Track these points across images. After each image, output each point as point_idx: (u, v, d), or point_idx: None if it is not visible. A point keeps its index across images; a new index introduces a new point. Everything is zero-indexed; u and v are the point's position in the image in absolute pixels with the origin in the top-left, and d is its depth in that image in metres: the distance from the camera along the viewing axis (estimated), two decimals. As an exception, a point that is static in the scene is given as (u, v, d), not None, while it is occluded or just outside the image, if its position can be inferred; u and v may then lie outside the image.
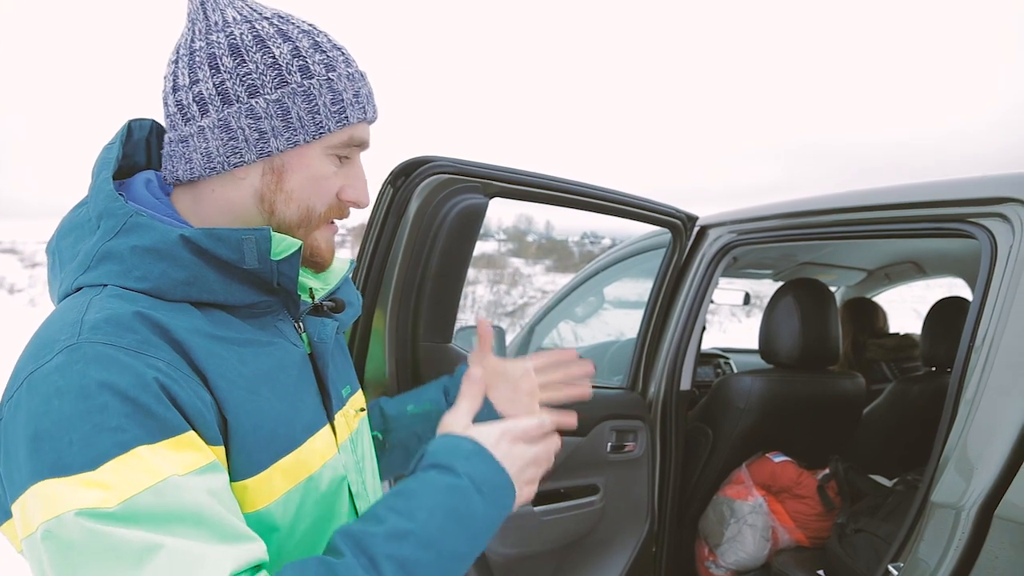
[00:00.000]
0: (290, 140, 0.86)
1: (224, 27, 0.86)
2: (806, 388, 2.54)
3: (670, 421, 2.47)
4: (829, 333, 2.51)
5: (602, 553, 2.34)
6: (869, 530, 2.10)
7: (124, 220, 0.81)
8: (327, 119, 0.87)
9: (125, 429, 0.68)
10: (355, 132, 0.90)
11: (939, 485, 1.50)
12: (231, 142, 0.85)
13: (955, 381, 1.58)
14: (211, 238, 0.81)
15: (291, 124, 0.85)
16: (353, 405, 1.05)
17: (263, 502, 0.81)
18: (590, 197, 2.05)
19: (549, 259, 29.06)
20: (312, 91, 0.86)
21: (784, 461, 2.48)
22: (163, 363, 0.74)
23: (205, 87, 0.85)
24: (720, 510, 2.50)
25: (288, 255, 0.86)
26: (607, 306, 3.62)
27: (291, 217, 0.89)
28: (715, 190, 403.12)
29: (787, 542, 2.41)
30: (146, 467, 0.68)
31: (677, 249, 2.44)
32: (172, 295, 0.81)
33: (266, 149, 0.86)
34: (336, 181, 0.91)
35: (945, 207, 1.76)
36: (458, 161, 1.76)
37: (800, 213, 2.24)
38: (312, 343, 0.96)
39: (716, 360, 3.86)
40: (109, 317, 0.75)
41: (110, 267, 0.80)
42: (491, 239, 37.17)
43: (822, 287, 2.58)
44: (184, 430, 0.72)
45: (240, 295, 0.85)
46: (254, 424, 0.81)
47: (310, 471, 0.88)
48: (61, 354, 0.71)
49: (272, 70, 0.85)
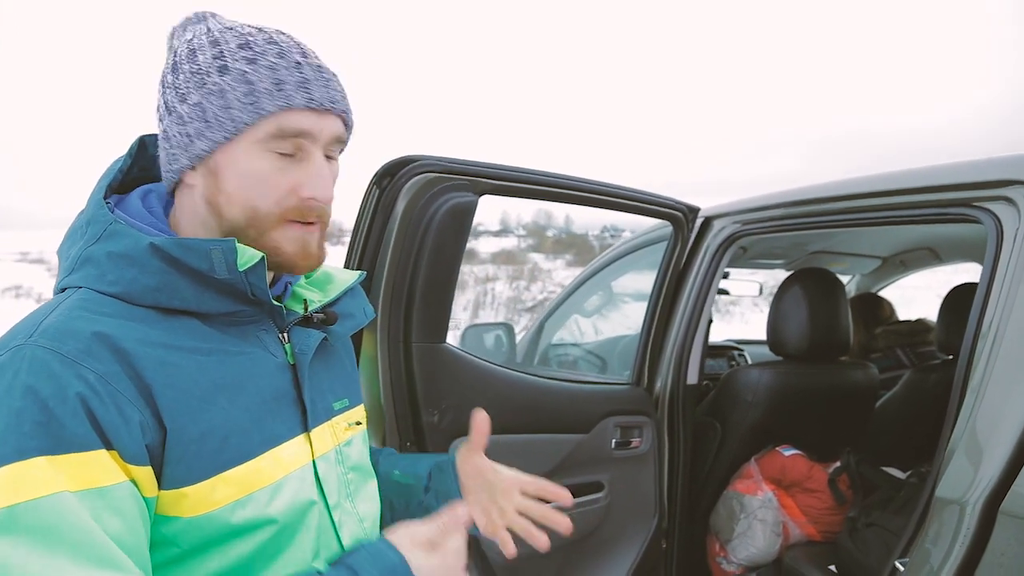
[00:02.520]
0: (211, 139, 0.86)
1: (176, 49, 0.91)
2: (816, 380, 2.48)
3: (677, 416, 2.43)
4: (839, 323, 2.46)
5: (609, 550, 2.31)
6: (881, 524, 2.05)
7: (104, 227, 0.85)
8: (241, 112, 0.85)
9: (32, 436, 0.70)
10: (283, 122, 0.85)
11: (944, 479, 1.45)
12: (171, 150, 0.89)
13: (961, 369, 1.53)
14: (180, 247, 0.83)
15: (210, 123, 0.86)
16: (346, 419, 1.03)
17: (201, 509, 0.81)
18: (584, 191, 2.02)
19: (569, 253, 28.95)
20: (225, 87, 0.85)
21: (794, 454, 2.43)
22: (94, 376, 0.74)
23: (160, 105, 0.91)
24: (730, 505, 2.46)
25: (252, 265, 0.86)
26: (616, 300, 3.58)
27: (237, 218, 0.88)
28: (737, 181, 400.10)
29: (798, 537, 2.37)
30: (39, 478, 0.69)
31: (679, 241, 2.40)
32: (142, 300, 0.83)
33: (193, 152, 0.87)
34: (285, 177, 0.88)
35: (949, 191, 1.70)
36: (445, 159, 1.74)
37: (804, 201, 2.19)
38: (294, 354, 0.95)
39: (730, 352, 3.81)
40: (63, 322, 0.77)
41: (88, 271, 0.84)
42: (510, 235, 37.12)
43: (830, 276, 2.53)
44: (93, 447, 0.73)
45: (214, 304, 0.86)
46: (202, 433, 0.81)
47: (268, 481, 0.86)
48: (9, 352, 0.75)
49: (195, 76, 0.87)
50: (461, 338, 3.15)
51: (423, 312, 1.79)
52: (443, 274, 1.80)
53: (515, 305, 17.78)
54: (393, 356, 1.77)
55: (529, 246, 33.20)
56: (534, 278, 21.66)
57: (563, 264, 26.64)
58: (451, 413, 1.85)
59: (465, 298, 17.83)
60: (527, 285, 20.43)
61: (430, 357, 1.81)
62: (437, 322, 1.82)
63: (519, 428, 2.03)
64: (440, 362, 1.84)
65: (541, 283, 20.91)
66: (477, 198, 1.81)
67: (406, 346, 1.79)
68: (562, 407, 2.15)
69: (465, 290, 18.43)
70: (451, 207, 1.76)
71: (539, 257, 28.81)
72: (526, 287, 20.20)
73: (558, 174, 1.95)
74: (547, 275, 22.51)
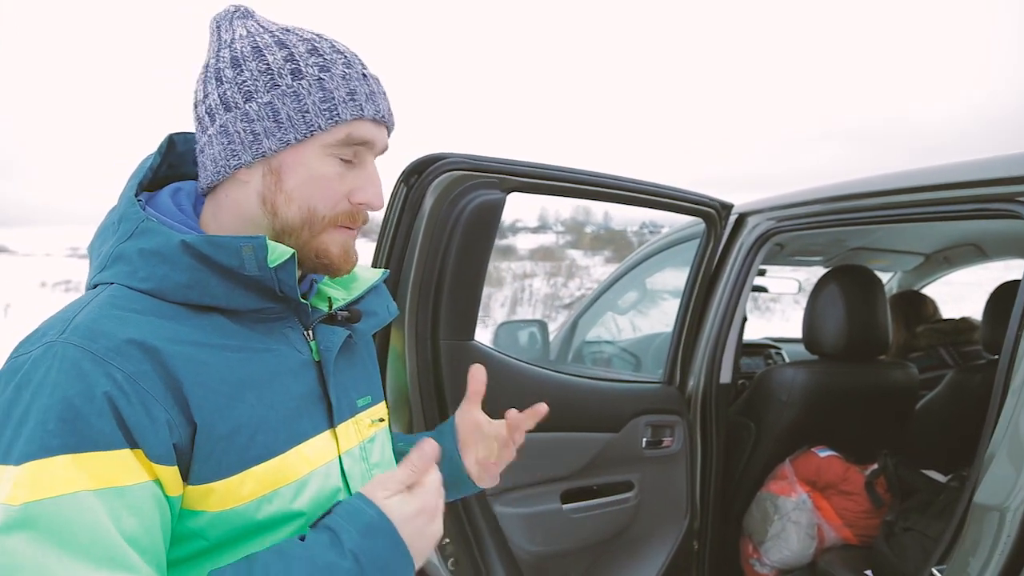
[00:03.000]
0: (282, 139, 0.88)
1: (230, 43, 0.91)
2: (852, 379, 2.43)
3: (710, 415, 2.40)
4: (876, 321, 2.40)
5: (639, 550, 2.29)
6: (919, 529, 2.00)
7: (136, 224, 0.87)
8: (316, 117, 0.88)
9: (57, 434, 0.71)
10: (353, 130, 0.89)
11: (983, 485, 1.41)
12: (230, 146, 0.90)
13: (1002, 370, 1.49)
14: (210, 245, 0.84)
15: (282, 124, 0.88)
16: (370, 415, 1.05)
17: (228, 504, 0.82)
18: (613, 188, 2.00)
19: (607, 250, 28.76)
20: (301, 91, 0.88)
21: (830, 456, 2.38)
22: (122, 375, 0.75)
23: (212, 99, 0.90)
24: (764, 506, 2.42)
25: (283, 262, 0.87)
26: (651, 297, 3.55)
27: (293, 218, 0.90)
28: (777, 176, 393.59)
29: (834, 540, 2.32)
30: (60, 476, 0.70)
31: (712, 238, 2.36)
32: (173, 297, 0.84)
33: (260, 150, 0.89)
34: (343, 183, 0.91)
35: (991, 186, 1.65)
36: (472, 157, 1.74)
37: (841, 197, 2.15)
38: (319, 351, 0.96)
39: (767, 350, 3.75)
40: (94, 320, 0.79)
41: (120, 268, 0.86)
42: (548, 231, 37.05)
43: (868, 273, 2.47)
44: (117, 447, 0.74)
45: (244, 300, 0.88)
46: (230, 429, 0.82)
47: (294, 477, 0.87)
48: (41, 348, 0.77)
49: (265, 75, 0.89)
50: (494, 335, 3.15)
51: (451, 310, 1.79)
52: (471, 272, 1.80)
53: (553, 302, 17.73)
54: (421, 353, 1.78)
55: (567, 242, 33.07)
56: (572, 274, 21.57)
57: (601, 260, 26.48)
58: None
59: (503, 294, 17.85)
60: (565, 282, 20.36)
61: (457, 355, 1.81)
62: (465, 320, 1.82)
63: (547, 427, 2.00)
64: (468, 360, 1.83)
65: (579, 279, 20.82)
66: (505, 196, 1.81)
67: (434, 343, 1.79)
68: (591, 406, 2.13)
69: (503, 286, 18.45)
70: (478, 205, 1.75)
71: (577, 253, 28.68)
72: (564, 284, 20.12)
73: (587, 171, 1.94)
74: (585, 272, 22.40)
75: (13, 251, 29.99)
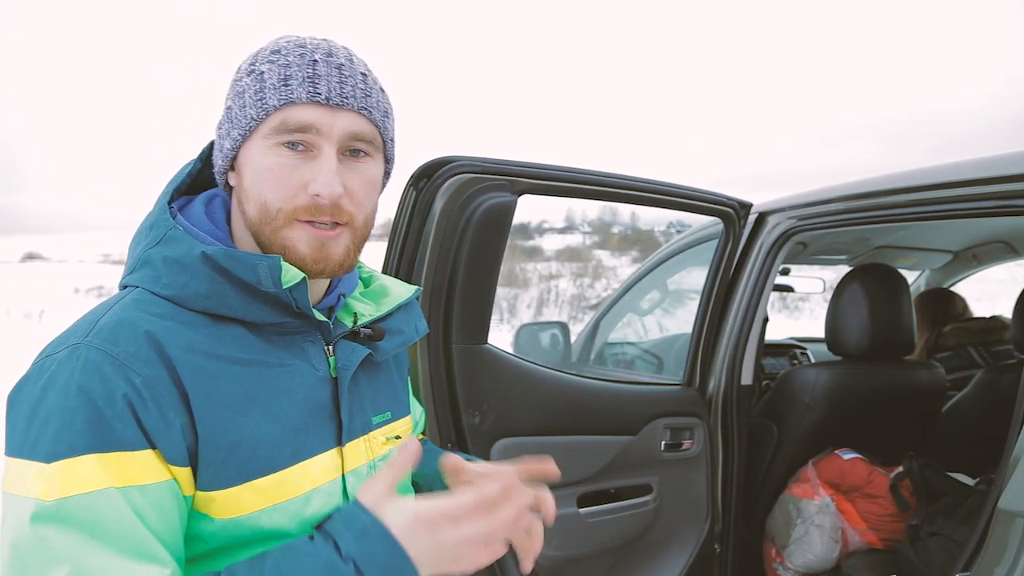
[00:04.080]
0: (234, 138, 0.90)
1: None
2: (876, 380, 2.38)
3: (731, 417, 2.36)
4: (901, 321, 2.35)
5: (659, 553, 2.26)
6: (945, 534, 1.95)
7: (165, 232, 0.89)
8: (251, 108, 0.88)
9: (83, 434, 0.74)
10: (287, 116, 0.86)
11: (1007, 491, 1.36)
12: (219, 154, 0.94)
13: None
14: (229, 259, 0.85)
15: (233, 122, 0.90)
16: (386, 432, 1.03)
17: (230, 513, 0.84)
18: (628, 189, 1.98)
19: (634, 250, 28.60)
20: (245, 88, 0.89)
21: (854, 458, 2.33)
22: (140, 380, 0.78)
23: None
24: (787, 509, 2.38)
25: (296, 283, 0.87)
26: (673, 298, 3.51)
27: (253, 215, 0.90)
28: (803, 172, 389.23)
29: (858, 544, 2.27)
30: (89, 474, 0.73)
31: (731, 238, 2.33)
32: (192, 305, 0.86)
33: (224, 152, 0.92)
34: (295, 174, 0.87)
35: (1019, 182, 1.60)
36: (482, 159, 1.73)
37: (863, 195, 2.10)
38: (337, 368, 0.95)
39: (791, 351, 3.69)
40: (116, 324, 0.81)
41: (145, 272, 0.88)
42: (575, 231, 36.93)
43: (892, 272, 2.41)
44: (139, 447, 0.77)
45: (261, 314, 0.88)
46: (231, 443, 0.83)
47: (295, 493, 0.87)
48: (66, 350, 0.79)
49: (232, 83, 0.92)
50: (515, 337, 3.13)
51: (463, 313, 1.78)
52: (482, 275, 1.79)
53: (579, 303, 17.68)
54: (433, 358, 1.77)
55: (594, 243, 32.95)
56: (598, 275, 21.49)
57: (628, 261, 26.34)
58: (493, 414, 1.84)
59: (529, 295, 17.83)
60: (591, 282, 20.29)
61: (470, 358, 1.80)
62: (477, 323, 1.81)
63: (563, 430, 2.00)
64: (481, 363, 1.83)
65: (605, 280, 20.74)
66: (516, 198, 1.79)
67: (446, 347, 1.78)
68: (608, 409, 2.11)
69: (529, 287, 18.43)
70: (489, 207, 1.74)
71: (604, 254, 28.56)
72: (590, 284, 20.05)
73: (599, 171, 1.92)
74: (611, 272, 22.31)
75: (47, 258, 30.64)
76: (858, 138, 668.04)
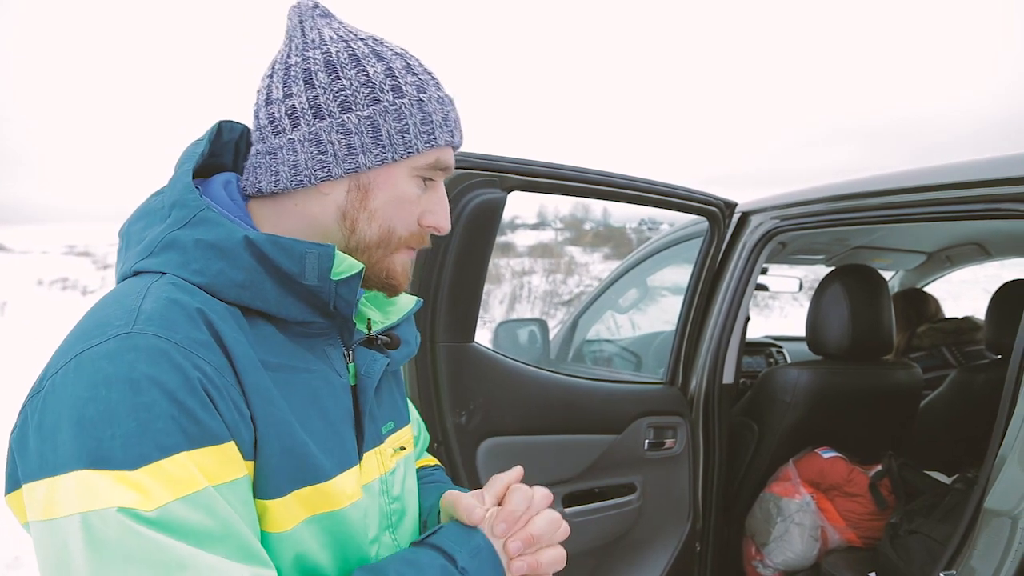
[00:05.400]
0: (379, 157, 0.85)
1: (321, 44, 0.87)
2: (857, 380, 2.40)
3: (713, 416, 2.38)
4: (882, 322, 2.37)
5: (641, 552, 2.26)
6: (924, 532, 1.97)
7: (195, 212, 0.81)
8: (416, 139, 0.86)
9: (169, 432, 0.68)
10: (441, 155, 0.89)
11: (994, 490, 1.38)
12: (320, 156, 0.85)
13: (1013, 371, 1.46)
14: (274, 246, 0.80)
15: (380, 141, 0.85)
16: (392, 443, 0.99)
17: (278, 527, 0.79)
18: (616, 187, 1.97)
19: (606, 247, 28.68)
20: (403, 110, 0.85)
21: (834, 457, 2.35)
22: (211, 368, 0.72)
23: (299, 100, 0.85)
24: (767, 508, 2.40)
25: (348, 276, 0.84)
26: (652, 296, 3.52)
27: (371, 237, 0.88)
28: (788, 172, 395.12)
29: (837, 542, 2.29)
30: (184, 474, 0.67)
31: (715, 237, 2.34)
32: (225, 295, 0.79)
33: (354, 165, 0.85)
34: (419, 205, 0.90)
35: (1001, 186, 1.62)
36: (472, 155, 1.71)
37: (846, 196, 2.12)
38: (358, 375, 0.92)
39: (767, 349, 3.72)
40: (166, 308, 0.74)
41: (171, 256, 0.80)
42: (547, 228, 36.97)
43: (873, 273, 2.44)
44: (224, 440, 0.72)
45: (294, 311, 0.83)
46: (284, 447, 0.78)
47: (334, 507, 0.83)
48: (113, 340, 0.70)
49: (365, 87, 0.85)
50: (494, 334, 3.12)
51: (450, 311, 1.76)
52: (471, 273, 1.77)
53: (551, 299, 17.69)
54: (419, 356, 1.75)
55: (566, 239, 32.98)
56: (571, 271, 21.53)
57: (600, 257, 26.42)
58: (479, 414, 1.83)
59: (501, 291, 17.81)
60: (564, 279, 20.32)
61: (457, 357, 1.79)
62: (464, 321, 1.79)
63: (549, 429, 1.99)
64: (467, 362, 1.81)
65: (578, 276, 20.78)
66: (505, 195, 1.78)
67: (432, 346, 1.76)
68: (594, 407, 2.11)
69: (501, 283, 18.40)
70: (478, 204, 1.72)
71: (576, 250, 28.62)
72: (563, 280, 20.08)
73: (589, 169, 1.91)
74: (584, 268, 22.35)
75: (10, 249, 29.92)
76: (842, 140, 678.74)
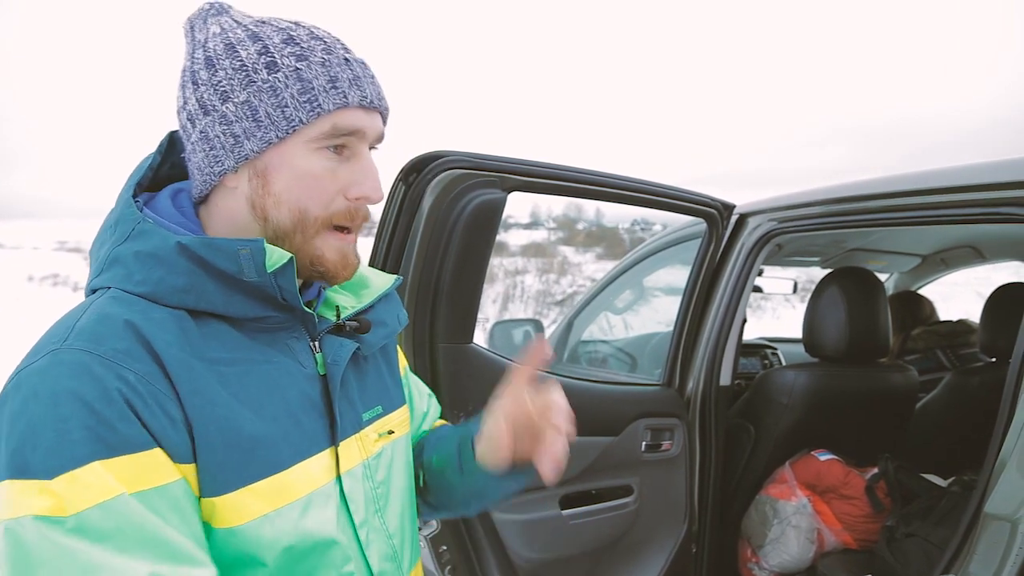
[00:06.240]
0: (263, 139, 0.82)
1: (204, 43, 0.86)
2: (853, 382, 2.41)
3: (709, 418, 2.37)
4: (878, 325, 2.38)
5: (638, 554, 2.26)
6: (921, 535, 1.98)
7: (133, 226, 0.83)
8: (296, 111, 0.82)
9: (85, 442, 0.69)
10: (338, 120, 0.83)
11: (994, 494, 1.38)
12: (211, 151, 0.84)
13: (1013, 374, 1.46)
14: (208, 247, 0.80)
15: (261, 122, 0.82)
16: (376, 429, 0.98)
17: (233, 521, 0.78)
18: (616, 188, 1.97)
19: (599, 247, 28.71)
20: (278, 85, 0.82)
21: (830, 459, 2.36)
22: (134, 376, 0.73)
23: (191, 104, 0.85)
24: (763, 510, 2.40)
25: (281, 267, 0.82)
26: (647, 297, 3.52)
27: (284, 222, 0.85)
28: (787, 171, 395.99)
29: (833, 544, 2.30)
30: (98, 483, 0.68)
31: (713, 239, 2.33)
32: (169, 301, 0.80)
33: (242, 152, 0.83)
34: (335, 179, 0.85)
35: (997, 190, 1.62)
36: (472, 155, 1.70)
37: (845, 199, 2.12)
38: (326, 364, 0.91)
39: (763, 351, 3.72)
40: (96, 323, 0.76)
41: (117, 271, 0.82)
42: (540, 228, 36.96)
43: (870, 276, 2.45)
44: (145, 447, 0.72)
45: (243, 308, 0.83)
46: (227, 442, 0.78)
47: (295, 496, 0.83)
48: (46, 357, 0.73)
49: (240, 73, 0.83)
50: (489, 334, 3.11)
51: (449, 312, 1.75)
52: (470, 273, 1.76)
53: (544, 299, 17.70)
54: (419, 357, 1.74)
55: (559, 239, 32.98)
56: (564, 271, 21.53)
57: (593, 257, 26.43)
58: (477, 415, 1.82)
59: (495, 291, 17.80)
60: (557, 278, 20.33)
61: (456, 358, 1.78)
62: (464, 322, 1.79)
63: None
64: (466, 363, 1.80)
65: (571, 276, 20.78)
66: (505, 195, 1.77)
67: (431, 347, 1.75)
68: (591, 409, 2.10)
69: (494, 283, 18.40)
70: (478, 204, 1.72)
71: (569, 250, 28.62)
72: (556, 280, 20.09)
73: (589, 170, 1.90)
74: (577, 268, 22.36)
75: (1, 244, 29.74)
76: (841, 140, 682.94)
